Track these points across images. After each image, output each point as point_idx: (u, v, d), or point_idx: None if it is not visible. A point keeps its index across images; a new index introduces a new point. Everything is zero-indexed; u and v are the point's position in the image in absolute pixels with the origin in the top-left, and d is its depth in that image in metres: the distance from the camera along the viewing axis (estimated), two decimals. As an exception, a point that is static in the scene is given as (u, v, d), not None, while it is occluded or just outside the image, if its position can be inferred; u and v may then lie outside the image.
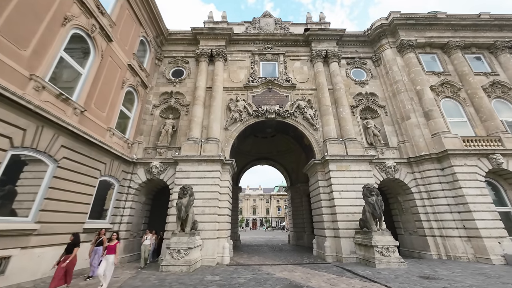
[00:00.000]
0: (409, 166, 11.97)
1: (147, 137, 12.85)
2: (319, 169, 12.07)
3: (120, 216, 10.60)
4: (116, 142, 10.50)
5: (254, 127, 13.99)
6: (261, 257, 11.92)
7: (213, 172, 11.16)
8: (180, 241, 8.31)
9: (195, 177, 11.00)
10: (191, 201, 9.02)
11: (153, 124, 13.23)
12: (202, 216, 10.23)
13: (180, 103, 13.75)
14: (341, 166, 11.43)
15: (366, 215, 9.11)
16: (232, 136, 12.83)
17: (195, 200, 10.30)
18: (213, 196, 10.67)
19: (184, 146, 11.77)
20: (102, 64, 9.58)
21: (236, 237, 18.44)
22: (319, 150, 12.60)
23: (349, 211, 10.46)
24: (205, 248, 9.73)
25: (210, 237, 9.95)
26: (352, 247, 9.82)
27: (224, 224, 10.80)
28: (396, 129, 13.22)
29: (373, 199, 8.98)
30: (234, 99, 13.63)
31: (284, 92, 14.13)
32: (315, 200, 12.32)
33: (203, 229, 10.01)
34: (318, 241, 11.94)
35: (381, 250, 8.32)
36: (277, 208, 73.75)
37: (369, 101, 14.03)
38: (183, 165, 11.28)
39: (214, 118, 12.69)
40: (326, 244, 10.40)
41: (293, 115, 13.30)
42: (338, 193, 10.83)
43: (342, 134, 12.65)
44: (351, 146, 11.95)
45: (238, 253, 13.48)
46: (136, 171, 11.66)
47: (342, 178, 11.16)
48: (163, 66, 15.03)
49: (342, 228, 10.15)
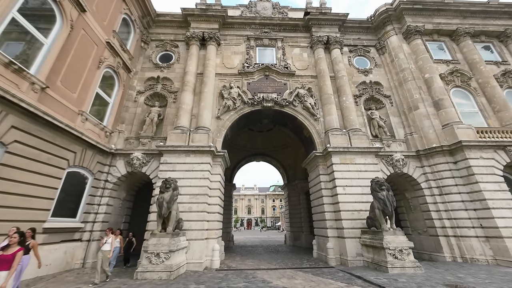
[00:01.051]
0: (418, 160, 10.96)
1: (129, 126, 11.50)
2: (320, 162, 10.95)
3: (94, 214, 9.22)
4: (90, 129, 9.13)
5: (249, 117, 12.78)
6: (256, 259, 10.72)
7: (202, 164, 9.90)
8: (160, 242, 7.03)
9: (182, 170, 9.73)
10: (175, 196, 7.76)
11: (136, 112, 11.88)
12: (189, 214, 8.97)
13: (167, 90, 12.43)
14: (345, 159, 10.33)
15: (375, 213, 8.02)
16: (224, 126, 11.59)
17: (181, 196, 9.05)
18: (202, 191, 9.41)
19: (170, 135, 10.47)
20: (72, 36, 8.21)
21: (229, 237, 17.20)
22: (320, 142, 11.48)
23: (354, 208, 9.36)
24: (192, 250, 8.47)
25: (197, 237, 8.69)
26: (358, 249, 8.72)
27: (214, 223, 9.55)
28: (403, 120, 12.22)
29: (384, 194, 7.89)
30: (228, 86, 12.39)
31: (282, 79, 12.96)
32: (316, 197, 11.20)
33: (190, 229, 8.75)
34: (318, 242, 10.81)
35: (394, 252, 7.22)
36: (273, 208, 72.77)
37: (373, 91, 13.00)
38: (168, 156, 9.98)
39: (204, 106, 11.43)
40: (328, 245, 9.28)
41: (292, 104, 12.15)
42: (342, 188, 9.72)
43: (345, 124, 11.57)
44: (356, 137, 10.87)
45: (231, 255, 12.25)
46: (115, 163, 10.30)
47: (346, 172, 10.06)
48: (150, 50, 13.67)
49: (347, 228, 9.04)
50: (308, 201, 17.29)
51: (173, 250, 6.92)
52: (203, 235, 8.83)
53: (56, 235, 7.47)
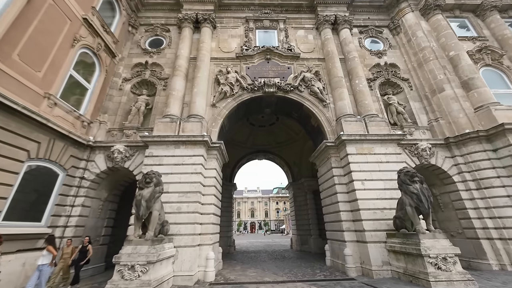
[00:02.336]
0: (447, 149, 9.36)
1: (112, 117, 10.11)
2: (332, 154, 9.40)
3: (66, 217, 7.78)
4: (60, 116, 7.75)
5: (249, 105, 11.33)
6: (259, 269, 9.15)
7: (194, 157, 8.44)
8: (137, 251, 5.54)
9: (170, 164, 8.27)
10: (157, 193, 6.28)
11: (121, 101, 10.50)
12: (178, 215, 7.48)
13: (156, 76, 11.06)
14: (362, 148, 8.78)
15: (407, 211, 6.43)
16: (221, 115, 10.14)
17: (168, 195, 7.59)
18: (194, 188, 7.93)
19: (157, 125, 9.05)
20: (35, 4, 6.88)
21: (229, 242, 15.62)
22: (331, 130, 9.95)
23: (376, 207, 7.78)
24: (180, 260, 6.95)
25: (187, 244, 7.17)
26: (384, 256, 7.11)
27: (208, 227, 8.04)
28: (425, 105, 10.64)
29: (417, 188, 6.31)
30: (224, 71, 10.97)
31: (285, 63, 11.52)
32: (327, 195, 9.63)
33: (178, 234, 7.24)
34: (332, 247, 9.20)
35: (436, 261, 5.61)
36: (276, 211, 70.83)
37: (389, 73, 11.48)
38: (154, 148, 8.55)
39: (198, 92, 10.01)
40: (346, 251, 7.68)
41: (297, 89, 10.68)
42: (360, 183, 8.15)
43: (360, 110, 10.04)
44: (373, 124, 9.32)
45: (230, 263, 10.68)
46: (94, 158, 8.89)
47: (364, 164, 8.50)
48: (139, 35, 12.36)
49: (368, 230, 7.45)
50: (317, 201, 15.70)
51: (152, 261, 5.41)
52: (194, 241, 7.31)
53: (10, 243, 6.00)
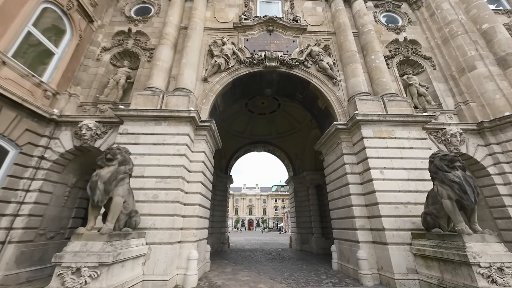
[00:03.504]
0: (480, 136, 7.90)
1: (86, 90, 8.63)
2: (343, 138, 7.95)
3: (16, 204, 6.34)
4: (11, 79, 6.26)
5: (247, 83, 9.85)
6: (253, 271, 7.74)
7: (177, 136, 6.98)
8: (87, 249, 4.10)
9: (148, 143, 6.81)
10: (121, 173, 4.82)
11: (98, 72, 9.01)
12: (153, 205, 6.04)
13: (141, 47, 9.56)
14: (381, 132, 7.31)
15: (444, 205, 4.97)
16: (213, 91, 8.67)
17: (144, 180, 6.15)
18: (175, 173, 6.48)
19: (136, 97, 7.59)
20: None
21: (223, 239, 14.25)
22: (341, 112, 8.49)
23: (399, 201, 6.34)
24: (153, 260, 5.53)
25: (163, 240, 5.74)
26: (409, 261, 5.68)
27: (192, 220, 6.61)
28: (452, 87, 9.15)
29: (459, 175, 4.86)
30: (220, 43, 9.47)
31: (290, 35, 10.00)
32: (336, 187, 8.19)
33: (152, 227, 5.81)
34: (341, 248, 7.77)
35: (489, 271, 4.18)
36: (275, 208, 69.75)
37: (409, 51, 9.97)
38: (130, 124, 7.09)
39: (187, 63, 8.52)
40: (360, 254, 6.25)
41: (304, 64, 9.19)
42: (379, 171, 6.70)
43: (376, 90, 8.56)
44: (393, 103, 7.85)
45: (221, 263, 9.29)
46: (59, 135, 7.43)
47: (383, 150, 7.04)
48: (123, 1, 10.83)
49: (389, 229, 6.02)
50: (320, 196, 14.30)
51: (106, 262, 3.97)
52: (173, 237, 5.88)
53: None
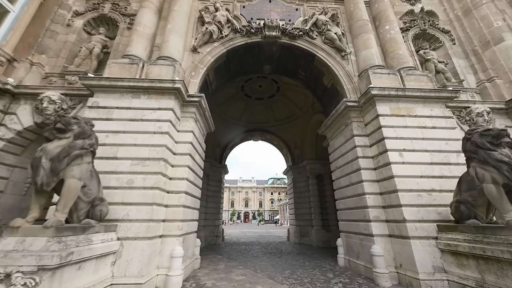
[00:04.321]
0: (508, 116, 6.97)
1: (53, 59, 7.31)
2: (354, 117, 6.91)
3: (-42, 191, 5.17)
4: None
5: (243, 57, 8.66)
6: (249, 268, 6.81)
7: (159, 111, 5.82)
8: (24, 247, 3.01)
9: (123, 119, 5.64)
10: (77, 149, 3.68)
11: (68, 40, 7.66)
12: (127, 192, 4.93)
13: (120, 12, 8.21)
14: (399, 109, 6.29)
15: (487, 191, 4.01)
16: (204, 63, 7.45)
17: (116, 162, 5.03)
18: (156, 154, 5.36)
19: (110, 66, 6.35)
20: None
21: (217, 232, 13.34)
22: (351, 88, 7.42)
23: (421, 187, 5.38)
24: (125, 259, 4.47)
25: (139, 235, 4.67)
26: (436, 259, 4.77)
27: (177, 211, 5.55)
28: (474, 63, 8.15)
29: (508, 154, 3.89)
30: (212, 9, 8.17)
31: (292, 3, 8.77)
32: (344, 173, 7.21)
33: (125, 219, 4.73)
34: (349, 242, 6.86)
35: (552, 274, 3.28)
36: (271, 201, 69.72)
37: (425, 23, 8.88)
38: (102, 96, 5.89)
39: (173, 30, 7.24)
40: (375, 249, 5.33)
41: (308, 35, 8.01)
42: (398, 154, 5.72)
43: (391, 63, 7.48)
44: (412, 78, 6.80)
45: (213, 258, 8.34)
46: (16, 110, 6.18)
47: (402, 129, 6.04)
48: (100, -39, 9.34)
49: (411, 220, 5.08)
50: (320, 187, 13.40)
51: (49, 266, 2.89)
52: (151, 231, 4.81)
53: None
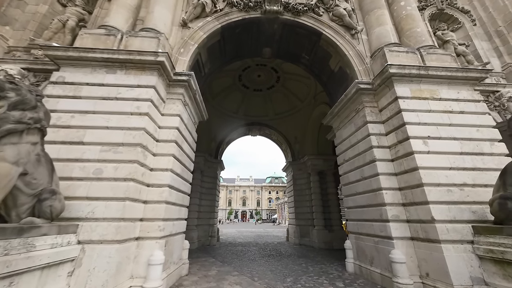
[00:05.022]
0: (541, 102, 6.13)
1: (19, 32, 6.29)
2: (366, 102, 6.02)
3: None
4: None
5: (240, 37, 7.70)
6: (245, 274, 5.90)
7: (139, 89, 4.86)
8: None
9: (94, 98, 4.67)
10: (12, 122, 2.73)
11: (38, 11, 6.64)
12: (93, 184, 3.97)
13: (100, -18, 7.21)
14: (421, 91, 5.41)
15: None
16: (195, 39, 6.49)
17: (83, 148, 4.08)
18: (132, 139, 4.41)
19: (82, 37, 5.35)
20: None
21: (211, 231, 12.43)
22: (363, 70, 6.52)
23: (451, 181, 4.51)
24: (87, 267, 3.52)
25: (105, 237, 3.71)
26: (474, 267, 3.90)
27: (158, 208, 4.60)
28: (498, 45, 7.31)
29: None
30: (205, -19, 7.21)
31: (296, -24, 7.84)
32: (354, 166, 6.32)
33: (90, 217, 3.78)
34: (360, 245, 5.98)
35: None
36: (269, 200, 69.08)
37: (443, 2, 8.02)
38: (69, 70, 4.91)
39: (158, 0, 6.28)
40: (395, 255, 4.44)
41: (314, 11, 7.09)
42: (422, 142, 4.83)
43: (407, 43, 6.57)
44: (433, 57, 5.91)
45: (205, 262, 7.41)
46: (-33, 87, 5.18)
47: (426, 114, 5.16)
48: None
49: (440, 220, 4.20)
50: (322, 184, 12.51)
51: None
52: (121, 232, 3.87)
53: None
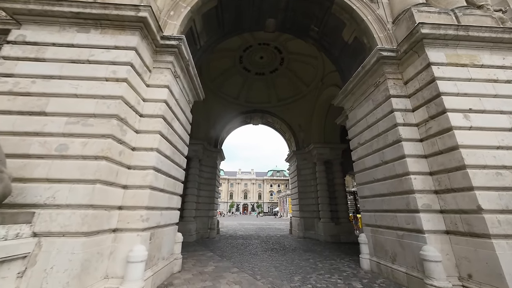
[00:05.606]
0: None
1: (-18, -8, 5.41)
2: (389, 74, 5.10)
3: None
4: None
5: (239, 4, 6.72)
6: (246, 271, 5.17)
7: (116, 51, 3.99)
8: None
9: (61, 60, 3.82)
10: None
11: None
12: (56, 163, 3.18)
13: None
14: (458, 56, 4.48)
15: None
16: (187, 1, 5.55)
17: (44, 120, 3.25)
18: (106, 109, 3.58)
19: (50, -9, 4.45)
20: None
21: (210, 224, 11.79)
22: (384, 37, 5.56)
23: (500, 163, 3.65)
24: (42, 267, 2.76)
25: (69, 229, 2.93)
26: (534, 270, 3.11)
27: (141, 194, 3.82)
28: (541, 11, 6.28)
29: None
30: None
31: None
32: (372, 149, 5.47)
33: (50, 204, 2.99)
34: (378, 240, 5.19)
35: None
36: (270, 193, 68.93)
37: (475, -37, 6.92)
38: (32, 28, 4.03)
39: (145, -47, 5.30)
40: (428, 252, 3.64)
41: (326, -30, 6.09)
42: (463, 116, 3.95)
43: (436, 5, 5.61)
44: (471, 19, 4.93)
45: (202, 256, 6.71)
46: None
47: (466, 83, 4.25)
48: None
49: (489, 210, 3.38)
50: (329, 174, 11.68)
51: None
52: (88, 222, 3.09)
53: None
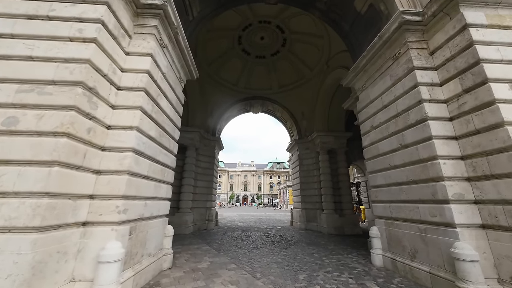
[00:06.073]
0: None
1: None
2: (412, 43, 4.34)
3: None
4: None
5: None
6: (245, 268, 4.62)
7: (83, 5, 3.22)
8: None
9: (14, 15, 3.06)
10: None
11: None
12: (2, 140, 2.51)
13: None
14: (500, 17, 3.71)
15: None
16: (175, -43, 4.71)
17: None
18: (69, 75, 2.86)
19: None
20: None
21: (208, 215, 11.30)
22: (405, 1, 4.77)
23: (556, 143, 2.99)
24: (-20, 273, 2.17)
25: (15, 223, 2.25)
26: None
27: (117, 180, 3.16)
28: None
29: None
30: None
31: None
32: (389, 132, 4.79)
33: (-12, 192, 2.36)
34: (393, 234, 4.60)
35: None
36: (270, 185, 68.94)
37: None
38: (-24, -24, 3.25)
39: None
40: (462, 250, 3.03)
41: None
42: (508, 87, 3.24)
43: (468, -36, 4.77)
44: (513, -25, 4.14)
45: (198, 250, 6.18)
46: None
47: (510, 49, 3.52)
48: None
49: (544, 200, 2.75)
50: (332, 164, 11.05)
51: None
52: (41, 214, 2.45)
53: None
